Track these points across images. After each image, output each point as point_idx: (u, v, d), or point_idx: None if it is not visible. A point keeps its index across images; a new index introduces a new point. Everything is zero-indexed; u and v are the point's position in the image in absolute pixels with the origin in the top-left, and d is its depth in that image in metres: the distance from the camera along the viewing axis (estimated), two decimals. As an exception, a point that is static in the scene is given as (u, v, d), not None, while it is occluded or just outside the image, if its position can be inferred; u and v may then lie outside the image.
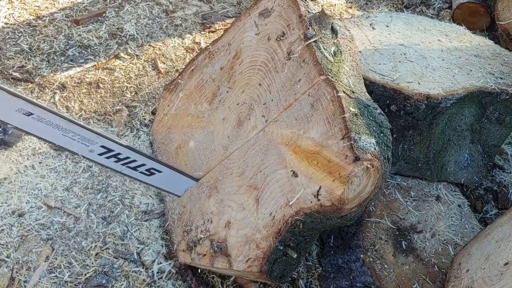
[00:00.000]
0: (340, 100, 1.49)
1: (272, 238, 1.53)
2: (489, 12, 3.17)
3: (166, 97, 2.21)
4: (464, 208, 2.09)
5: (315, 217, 1.49)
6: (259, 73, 1.82)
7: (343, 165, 1.42)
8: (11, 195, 1.95)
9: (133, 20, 2.87)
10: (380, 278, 1.81)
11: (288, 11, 1.79)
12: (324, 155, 1.48)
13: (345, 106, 1.48)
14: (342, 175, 1.41)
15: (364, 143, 1.43)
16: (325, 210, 1.44)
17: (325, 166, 1.46)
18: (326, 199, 1.43)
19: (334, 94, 1.51)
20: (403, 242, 1.92)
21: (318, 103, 1.56)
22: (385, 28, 2.32)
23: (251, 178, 1.67)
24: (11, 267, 1.77)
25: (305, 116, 1.58)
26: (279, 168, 1.59)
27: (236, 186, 1.72)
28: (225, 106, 1.91)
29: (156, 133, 2.19)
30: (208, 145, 1.91)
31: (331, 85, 1.53)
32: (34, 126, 1.53)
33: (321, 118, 1.53)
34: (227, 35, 2.02)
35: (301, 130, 1.57)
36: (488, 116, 2.09)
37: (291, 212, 1.51)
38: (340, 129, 1.46)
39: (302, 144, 1.55)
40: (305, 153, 1.53)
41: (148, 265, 1.86)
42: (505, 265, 1.52)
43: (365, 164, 1.39)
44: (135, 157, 1.72)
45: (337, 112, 1.49)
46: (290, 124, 1.62)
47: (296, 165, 1.54)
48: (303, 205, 1.49)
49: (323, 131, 1.51)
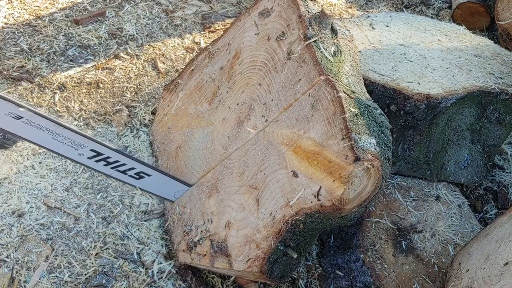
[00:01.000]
0: (341, 100, 1.49)
1: (272, 238, 1.53)
2: (489, 12, 3.18)
3: (166, 97, 2.21)
4: (464, 208, 2.09)
5: (316, 217, 1.50)
6: (259, 73, 1.82)
7: (343, 165, 1.42)
8: (11, 195, 1.95)
9: (133, 20, 2.87)
10: (380, 278, 1.82)
11: (288, 11, 1.79)
12: (325, 155, 1.47)
13: (345, 106, 1.48)
14: (342, 175, 1.41)
15: (364, 143, 1.43)
16: (326, 210, 1.45)
17: (326, 166, 1.47)
18: (327, 199, 1.44)
19: (335, 94, 1.51)
20: (403, 242, 1.92)
21: (319, 103, 1.55)
22: (385, 28, 2.32)
23: (251, 178, 1.67)
24: (11, 267, 1.77)
25: (306, 116, 1.58)
26: (279, 168, 1.59)
27: (236, 186, 1.72)
28: (225, 106, 1.91)
29: (156, 133, 2.19)
30: (208, 145, 1.91)
31: (331, 85, 1.53)
32: (23, 130, 1.53)
33: (321, 118, 1.53)
34: (227, 35, 2.02)
35: (302, 130, 1.57)
36: (488, 116, 2.09)
37: (292, 212, 1.51)
38: (340, 129, 1.46)
39: (303, 144, 1.55)
40: (306, 153, 1.53)
41: (148, 265, 1.86)
42: (505, 265, 1.52)
43: (366, 164, 1.39)
44: (125, 160, 1.72)
45: (337, 112, 1.49)
46: (291, 124, 1.62)
47: (297, 165, 1.54)
48: (304, 205, 1.49)
49: (324, 131, 1.51)
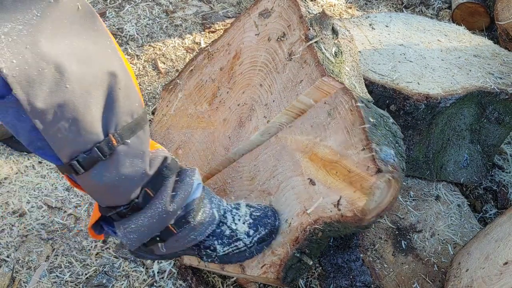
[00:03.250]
0: (359, 110, 1.45)
1: (289, 245, 1.51)
2: (489, 12, 3.18)
3: (165, 98, 2.21)
4: (463, 207, 2.10)
5: (335, 226, 1.47)
6: (260, 74, 1.82)
7: (364, 176, 1.39)
8: (11, 195, 1.96)
9: (133, 21, 2.87)
10: (379, 278, 1.82)
11: (288, 11, 1.79)
12: (344, 164, 1.45)
13: (364, 117, 1.44)
14: (364, 186, 1.39)
15: (384, 155, 1.41)
16: (347, 220, 1.42)
17: (345, 176, 1.44)
18: (348, 209, 1.41)
19: (353, 104, 1.47)
20: (403, 241, 1.93)
21: (335, 111, 1.52)
22: (385, 28, 2.32)
23: (263, 183, 1.65)
24: (11, 267, 1.77)
25: (322, 124, 1.54)
26: (294, 175, 1.56)
27: (247, 190, 1.69)
28: (225, 106, 1.91)
29: (155, 134, 2.18)
30: (209, 146, 1.92)
31: (349, 94, 1.50)
32: None
33: (339, 127, 1.49)
34: (226, 35, 2.02)
35: (318, 137, 1.54)
36: (488, 116, 2.09)
37: (310, 221, 1.49)
38: (360, 140, 1.43)
39: (319, 152, 1.52)
40: (323, 162, 1.50)
41: (149, 265, 1.87)
42: (504, 265, 1.52)
43: (387, 176, 1.37)
44: None
45: (356, 122, 1.45)
46: (305, 131, 1.59)
47: (313, 173, 1.52)
48: (322, 214, 1.46)
49: (342, 140, 1.47)
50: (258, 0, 1.93)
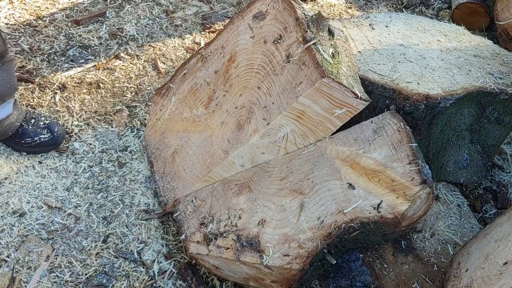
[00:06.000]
0: (408, 132, 1.68)
1: (320, 240, 1.63)
2: (488, 12, 3.18)
3: (158, 102, 2.20)
4: (463, 207, 2.10)
5: (370, 227, 1.64)
6: (257, 76, 1.82)
7: (408, 186, 1.59)
8: (11, 195, 1.96)
9: (133, 21, 2.87)
10: (379, 278, 1.82)
11: (284, 14, 1.79)
12: (387, 174, 1.64)
13: (411, 137, 1.67)
14: (407, 194, 1.59)
15: (427, 171, 1.61)
16: (386, 221, 1.60)
17: (388, 184, 1.63)
18: (388, 212, 1.60)
19: (401, 126, 1.71)
20: (403, 241, 1.93)
21: (382, 130, 1.73)
22: (385, 28, 2.32)
23: (295, 184, 1.76)
24: (11, 267, 1.77)
25: (366, 139, 1.74)
26: (332, 179, 1.71)
27: (275, 188, 1.79)
28: (222, 109, 1.91)
29: (149, 139, 2.17)
30: (207, 149, 1.91)
31: (397, 118, 1.73)
32: None
33: (385, 143, 1.70)
34: (219, 38, 2.02)
35: (361, 150, 1.73)
36: (487, 116, 2.09)
37: (346, 219, 1.63)
38: (407, 155, 1.65)
39: (362, 162, 1.70)
40: (365, 170, 1.68)
41: (149, 264, 1.87)
42: (504, 265, 1.52)
43: (429, 189, 1.58)
44: None
45: (404, 141, 1.67)
46: (348, 143, 1.76)
47: (354, 179, 1.68)
48: (360, 214, 1.62)
49: (387, 154, 1.68)
50: (251, 3, 1.92)
